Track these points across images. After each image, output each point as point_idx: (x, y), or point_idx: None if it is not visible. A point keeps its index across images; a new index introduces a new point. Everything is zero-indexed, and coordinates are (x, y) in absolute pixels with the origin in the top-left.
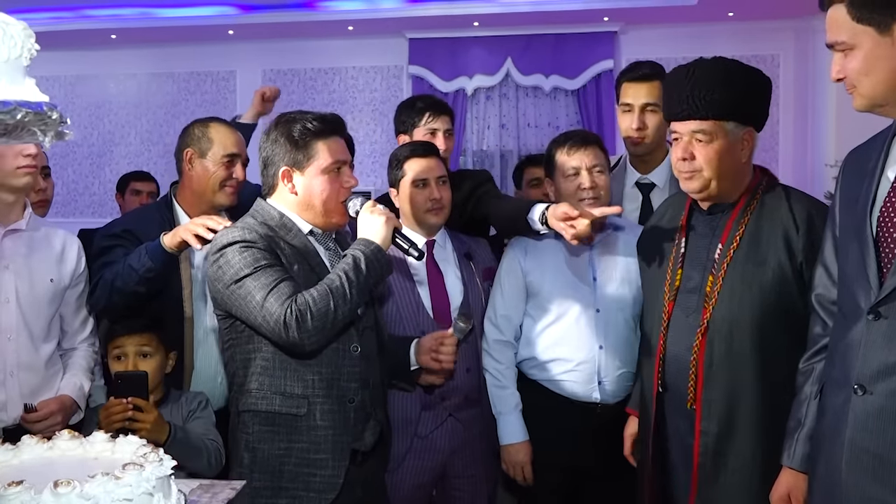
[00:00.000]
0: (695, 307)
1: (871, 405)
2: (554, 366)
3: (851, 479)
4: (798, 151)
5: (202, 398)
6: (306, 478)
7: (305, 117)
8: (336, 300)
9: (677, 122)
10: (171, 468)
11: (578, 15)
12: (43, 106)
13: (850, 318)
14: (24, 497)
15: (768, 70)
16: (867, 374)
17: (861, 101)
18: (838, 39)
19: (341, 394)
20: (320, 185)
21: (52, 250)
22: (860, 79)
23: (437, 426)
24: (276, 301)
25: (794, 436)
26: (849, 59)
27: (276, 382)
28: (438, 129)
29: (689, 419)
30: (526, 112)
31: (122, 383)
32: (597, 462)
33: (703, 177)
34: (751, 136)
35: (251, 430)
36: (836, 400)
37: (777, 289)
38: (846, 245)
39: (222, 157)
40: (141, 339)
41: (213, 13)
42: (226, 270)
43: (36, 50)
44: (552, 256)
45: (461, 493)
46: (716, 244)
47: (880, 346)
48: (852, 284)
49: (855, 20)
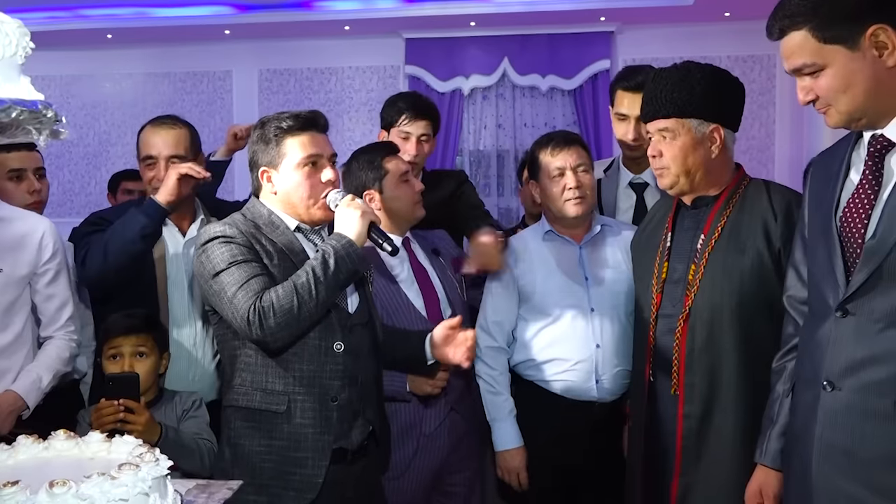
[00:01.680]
0: (679, 296)
1: (840, 401)
2: (551, 366)
3: (822, 475)
4: (794, 150)
5: (196, 398)
6: (286, 476)
7: (280, 117)
8: (301, 297)
9: (647, 122)
10: (167, 468)
11: (575, 15)
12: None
13: (818, 317)
14: (19, 497)
15: (764, 70)
16: (835, 371)
17: (838, 118)
18: (805, 62)
19: (323, 392)
20: (295, 180)
21: (7, 239)
22: (837, 96)
23: (441, 422)
24: (243, 297)
25: (767, 433)
26: (820, 80)
27: (257, 378)
28: (412, 134)
29: (674, 405)
30: (522, 112)
31: (113, 385)
32: (592, 460)
33: (671, 173)
34: (719, 133)
35: (233, 426)
36: (807, 397)
37: (756, 276)
38: (814, 245)
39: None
40: (138, 340)
41: (210, 13)
42: (206, 265)
43: (31, 48)
44: (542, 259)
45: (459, 488)
46: (699, 236)
47: (848, 342)
48: (820, 283)
49: (821, 42)
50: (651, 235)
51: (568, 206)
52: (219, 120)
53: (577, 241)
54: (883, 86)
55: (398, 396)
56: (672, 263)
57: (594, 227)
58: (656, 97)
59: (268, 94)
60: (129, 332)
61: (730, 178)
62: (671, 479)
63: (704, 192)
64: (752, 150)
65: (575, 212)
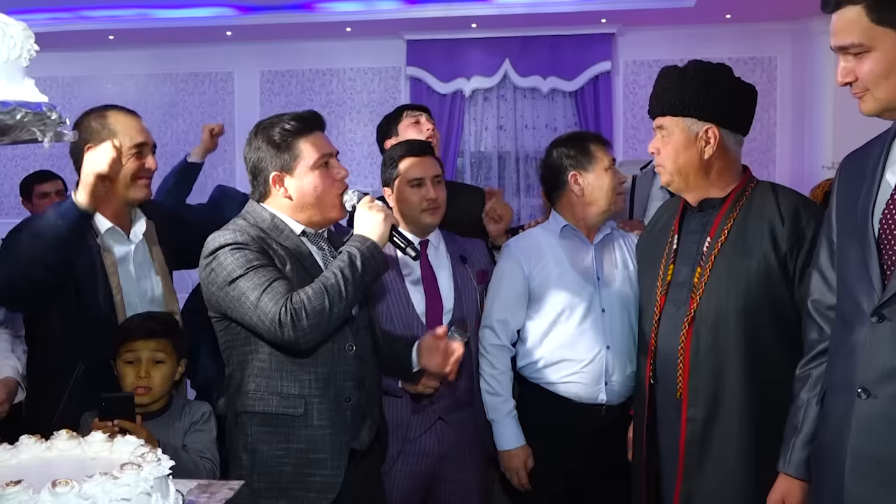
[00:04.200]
0: (684, 299)
1: (876, 409)
2: (560, 368)
3: (856, 486)
4: (795, 153)
5: (206, 410)
6: (306, 478)
7: (282, 119)
8: (331, 298)
9: (652, 119)
10: (168, 468)
11: (576, 17)
12: (42, 106)
13: (851, 322)
14: (22, 497)
15: (766, 72)
16: (871, 378)
17: (874, 104)
18: (853, 41)
19: (337, 393)
20: (313, 182)
21: None
22: (878, 82)
23: (427, 429)
24: (270, 300)
25: (791, 441)
26: (864, 62)
27: (272, 383)
28: (420, 117)
29: (677, 409)
30: (524, 113)
31: (107, 405)
32: (599, 465)
33: (666, 171)
34: (713, 133)
35: (249, 432)
36: (838, 405)
37: (763, 279)
38: (846, 248)
39: (129, 148)
40: (157, 345)
41: (211, 14)
42: (219, 273)
43: (35, 51)
44: (554, 257)
45: (453, 497)
46: (705, 238)
47: (884, 348)
48: (853, 288)
49: (874, 22)
50: (657, 238)
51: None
52: (220, 121)
53: (590, 240)
54: None
55: (391, 391)
56: (678, 266)
57: (604, 227)
58: (657, 94)
59: (269, 95)
60: (148, 336)
61: (736, 181)
62: (674, 482)
63: (707, 193)
64: (753, 152)
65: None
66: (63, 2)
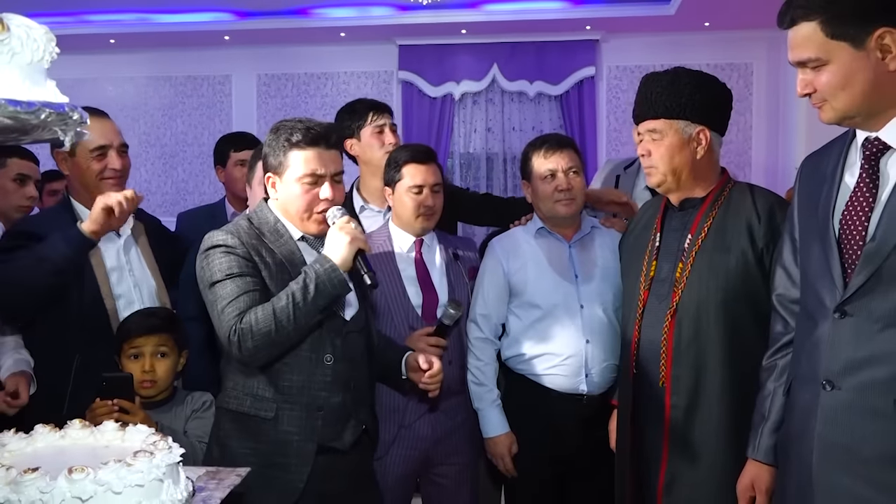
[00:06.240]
0: (666, 293)
1: (840, 400)
2: (542, 360)
3: (823, 472)
4: (770, 155)
5: (207, 398)
6: (269, 479)
7: (295, 127)
8: (279, 321)
9: (638, 123)
10: (179, 455)
11: (562, 24)
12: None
13: (815, 317)
14: (39, 483)
15: (742, 78)
16: (835, 370)
17: (833, 114)
18: (810, 56)
19: (310, 402)
20: (293, 192)
21: None
22: (836, 93)
23: (420, 416)
24: (229, 315)
25: (759, 429)
26: (821, 75)
27: (249, 383)
28: (385, 125)
29: (661, 397)
30: (511, 116)
31: (107, 385)
32: (581, 452)
33: (659, 172)
34: (705, 134)
35: (222, 426)
36: (804, 396)
37: (741, 274)
38: (808, 247)
39: (90, 151)
40: (159, 339)
41: (210, 19)
42: (205, 272)
43: (56, 53)
44: (533, 256)
45: (446, 480)
46: (686, 236)
47: (847, 342)
48: (816, 284)
49: (829, 37)
50: (639, 236)
51: (557, 206)
52: (218, 122)
53: (567, 239)
54: (881, 88)
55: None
56: (660, 262)
57: (584, 227)
58: (647, 99)
59: (266, 97)
60: (150, 332)
61: (715, 181)
62: (659, 467)
63: (691, 192)
64: (729, 153)
65: (564, 212)
66: (66, 6)
